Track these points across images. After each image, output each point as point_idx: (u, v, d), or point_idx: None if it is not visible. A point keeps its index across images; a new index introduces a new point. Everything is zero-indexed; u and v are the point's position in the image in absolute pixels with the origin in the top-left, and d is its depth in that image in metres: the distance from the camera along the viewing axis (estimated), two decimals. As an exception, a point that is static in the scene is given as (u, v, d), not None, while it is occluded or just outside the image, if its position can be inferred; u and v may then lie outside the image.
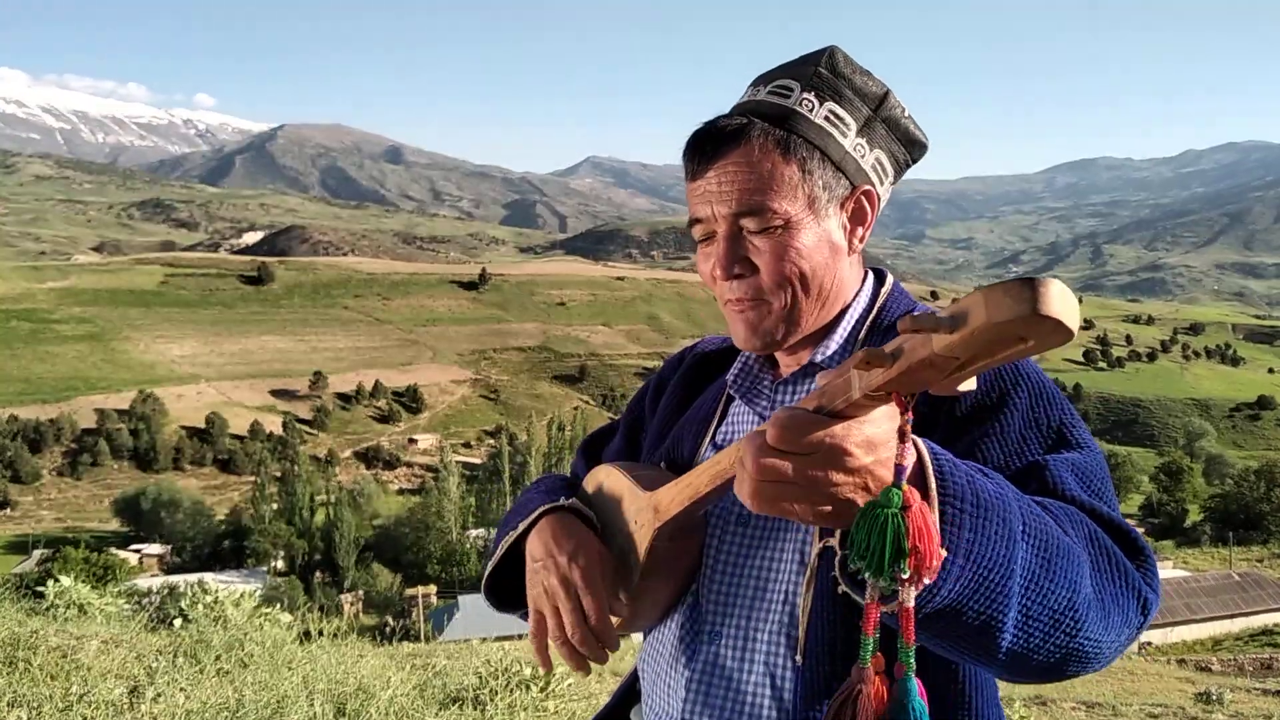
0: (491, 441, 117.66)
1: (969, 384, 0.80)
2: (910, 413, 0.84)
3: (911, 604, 0.86)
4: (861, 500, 0.88)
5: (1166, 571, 50.08)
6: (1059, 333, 0.71)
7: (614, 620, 1.27)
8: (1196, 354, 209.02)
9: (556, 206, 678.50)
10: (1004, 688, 14.44)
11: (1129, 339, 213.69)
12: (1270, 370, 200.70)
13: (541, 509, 1.35)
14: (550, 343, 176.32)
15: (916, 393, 0.83)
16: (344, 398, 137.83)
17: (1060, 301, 0.71)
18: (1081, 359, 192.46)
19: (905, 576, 0.84)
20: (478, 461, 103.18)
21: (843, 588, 0.93)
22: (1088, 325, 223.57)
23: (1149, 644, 37.94)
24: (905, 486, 0.85)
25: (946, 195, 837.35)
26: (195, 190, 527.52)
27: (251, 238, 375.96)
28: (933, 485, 0.91)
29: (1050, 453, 1.16)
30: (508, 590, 1.43)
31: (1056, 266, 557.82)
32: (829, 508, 0.89)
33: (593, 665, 1.19)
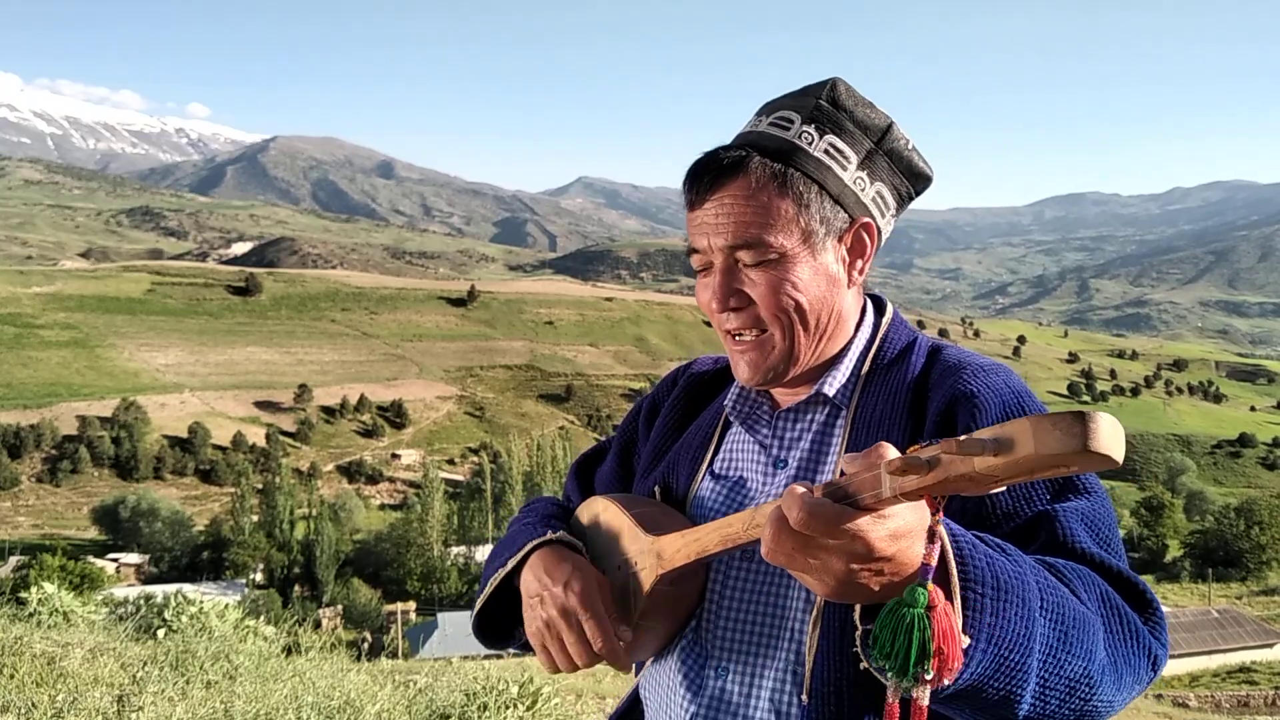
0: (475, 459, 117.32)
1: (1000, 488, 0.80)
2: (941, 513, 0.86)
3: (926, 702, 0.86)
4: (876, 586, 0.89)
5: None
6: (1106, 465, 0.72)
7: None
8: (1179, 390, 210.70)
9: (547, 225, 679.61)
10: None
11: (1113, 373, 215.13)
12: (1252, 408, 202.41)
13: (530, 544, 1.33)
14: (537, 361, 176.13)
15: (948, 495, 0.82)
16: (328, 411, 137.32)
17: (1110, 438, 0.70)
18: (1066, 392, 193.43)
19: (929, 678, 0.85)
20: (461, 478, 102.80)
21: (864, 664, 0.93)
22: (1072, 359, 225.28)
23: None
24: (931, 586, 0.85)
25: (935, 225, 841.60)
26: (185, 199, 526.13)
27: (240, 248, 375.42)
28: (954, 573, 0.91)
29: (1058, 499, 1.15)
30: (499, 624, 1.43)
31: (1043, 299, 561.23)
32: (842, 589, 0.90)
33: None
